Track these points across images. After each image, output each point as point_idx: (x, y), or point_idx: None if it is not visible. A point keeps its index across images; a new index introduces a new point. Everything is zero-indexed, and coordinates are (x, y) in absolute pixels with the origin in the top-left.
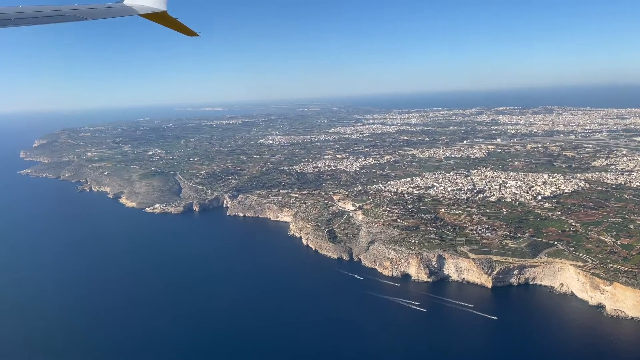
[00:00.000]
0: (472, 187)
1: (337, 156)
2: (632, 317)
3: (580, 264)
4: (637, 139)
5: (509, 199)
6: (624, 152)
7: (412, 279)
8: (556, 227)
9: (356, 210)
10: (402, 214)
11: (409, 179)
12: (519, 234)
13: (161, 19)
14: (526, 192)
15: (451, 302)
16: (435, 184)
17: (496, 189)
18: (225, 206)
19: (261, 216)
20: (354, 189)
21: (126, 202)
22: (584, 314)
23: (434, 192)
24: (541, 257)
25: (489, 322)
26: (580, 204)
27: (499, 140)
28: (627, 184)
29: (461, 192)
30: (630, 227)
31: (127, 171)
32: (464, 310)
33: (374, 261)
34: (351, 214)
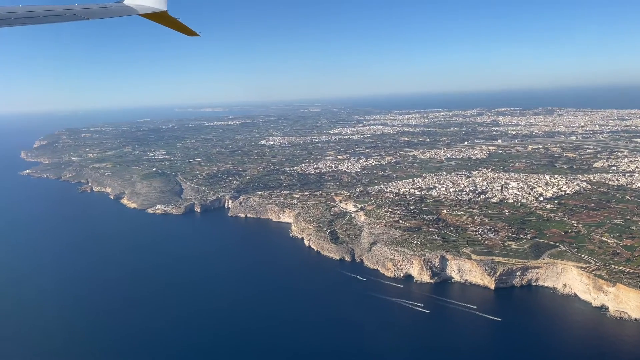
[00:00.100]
0: (473, 188)
1: (338, 157)
2: (635, 319)
3: (583, 265)
4: (638, 140)
5: (510, 200)
6: (625, 154)
7: (415, 280)
8: (558, 229)
9: (358, 211)
10: (404, 215)
11: (411, 180)
12: (521, 235)
13: (161, 18)
14: (528, 193)
15: (454, 303)
16: (436, 185)
17: (498, 190)
18: (226, 207)
19: (263, 217)
20: (356, 190)
21: (127, 202)
22: (587, 315)
23: (435, 193)
24: (544, 259)
25: (492, 324)
26: (582, 205)
27: (499, 141)
28: (629, 185)
29: (463, 193)
30: (632, 228)
31: (128, 172)
32: (467, 311)
33: (376, 262)
34: (353, 215)
